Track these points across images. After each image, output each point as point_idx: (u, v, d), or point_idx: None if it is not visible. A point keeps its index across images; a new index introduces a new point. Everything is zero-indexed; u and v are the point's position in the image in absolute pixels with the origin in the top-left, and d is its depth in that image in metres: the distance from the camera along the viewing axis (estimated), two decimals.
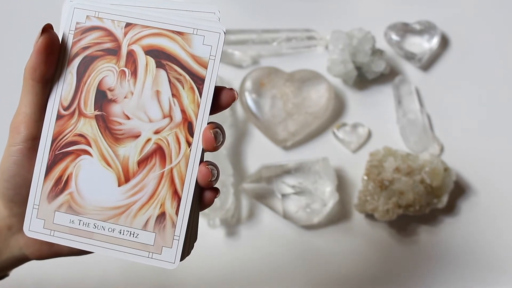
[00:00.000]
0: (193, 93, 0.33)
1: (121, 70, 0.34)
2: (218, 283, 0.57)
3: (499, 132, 0.63)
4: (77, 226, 0.34)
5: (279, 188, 0.58)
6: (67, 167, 0.34)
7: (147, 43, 0.34)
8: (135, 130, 0.34)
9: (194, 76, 0.33)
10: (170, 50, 0.33)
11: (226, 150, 0.61)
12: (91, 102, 0.34)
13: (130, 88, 0.34)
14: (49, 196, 0.34)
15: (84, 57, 0.34)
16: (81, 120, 0.34)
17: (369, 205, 0.57)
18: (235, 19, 0.68)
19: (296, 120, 0.62)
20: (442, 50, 0.68)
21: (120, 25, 0.34)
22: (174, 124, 0.33)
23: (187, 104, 0.33)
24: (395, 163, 0.57)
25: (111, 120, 0.34)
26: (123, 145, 0.34)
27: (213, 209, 0.57)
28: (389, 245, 0.59)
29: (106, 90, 0.34)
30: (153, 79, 0.33)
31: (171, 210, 0.33)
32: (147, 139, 0.33)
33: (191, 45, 0.33)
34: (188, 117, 0.33)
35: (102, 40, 0.34)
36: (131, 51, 0.34)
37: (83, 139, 0.34)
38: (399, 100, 0.64)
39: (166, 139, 0.33)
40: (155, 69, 0.33)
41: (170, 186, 0.33)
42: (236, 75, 0.65)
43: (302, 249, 0.58)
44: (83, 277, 0.57)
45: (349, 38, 0.63)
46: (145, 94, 0.33)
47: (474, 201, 0.60)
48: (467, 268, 0.58)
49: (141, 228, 0.33)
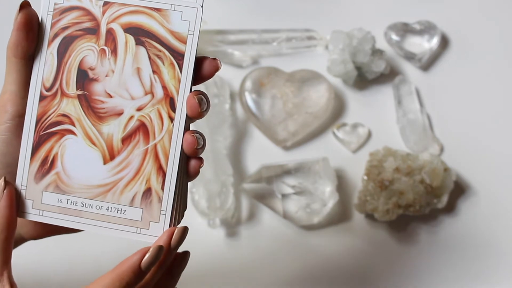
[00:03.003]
0: (174, 69, 0.33)
1: (101, 49, 0.34)
2: (218, 283, 0.57)
3: (499, 132, 0.64)
4: (65, 205, 0.34)
5: (279, 188, 0.58)
6: (52, 147, 0.34)
7: (125, 21, 0.34)
8: (118, 108, 0.34)
9: (173, 52, 0.33)
10: (148, 27, 0.34)
11: (226, 150, 0.61)
12: (73, 82, 0.34)
13: (111, 66, 0.34)
14: (36, 177, 0.34)
15: (64, 37, 0.34)
16: (64, 100, 0.34)
17: (369, 205, 0.57)
18: (235, 19, 0.68)
19: (296, 120, 0.62)
20: (442, 50, 0.68)
21: (98, 4, 0.34)
22: (156, 100, 0.34)
23: (168, 80, 0.34)
24: (395, 163, 0.57)
25: (94, 99, 0.34)
26: (106, 123, 0.34)
27: (213, 209, 0.57)
28: (389, 245, 0.59)
29: (87, 69, 0.34)
30: (133, 56, 0.34)
31: (157, 186, 0.34)
32: (130, 116, 0.34)
33: (169, 21, 0.33)
34: (170, 93, 0.34)
35: (81, 19, 0.34)
36: (110, 29, 0.34)
37: (66, 119, 0.34)
38: (399, 100, 0.64)
39: (148, 115, 0.34)
40: (134, 46, 0.34)
41: (155, 161, 0.34)
42: (236, 75, 0.65)
43: (302, 249, 0.58)
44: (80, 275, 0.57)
45: (349, 38, 0.63)
46: (126, 71, 0.34)
47: (474, 201, 0.60)
48: (467, 268, 0.58)
49: (128, 204, 0.34)
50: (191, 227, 0.36)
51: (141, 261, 0.32)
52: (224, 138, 0.61)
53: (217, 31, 0.66)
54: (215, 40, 0.65)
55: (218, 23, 0.67)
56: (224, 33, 0.66)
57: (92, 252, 0.57)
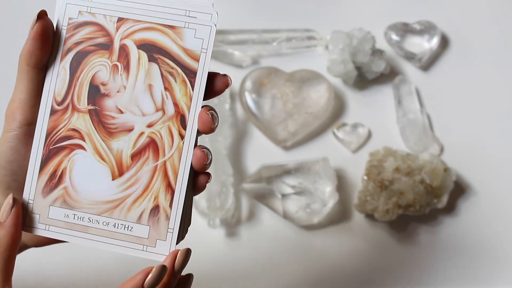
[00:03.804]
0: (186, 86, 0.33)
1: (113, 65, 0.34)
2: (218, 283, 0.57)
3: (499, 132, 0.64)
4: (72, 220, 0.34)
5: (279, 188, 0.58)
6: (61, 162, 0.34)
7: (139, 37, 0.34)
8: (128, 124, 0.34)
9: (186, 69, 0.33)
10: (162, 44, 0.34)
11: (226, 150, 0.61)
12: (84, 97, 0.34)
13: (123, 82, 0.34)
14: (43, 191, 0.34)
15: (77, 52, 0.34)
16: (75, 114, 0.34)
17: (369, 205, 0.57)
18: (235, 19, 0.68)
19: (296, 120, 0.62)
20: (442, 50, 0.68)
21: (112, 20, 0.34)
22: (167, 117, 0.34)
23: (180, 97, 0.33)
24: (395, 163, 0.57)
25: (104, 114, 0.34)
26: (116, 139, 0.34)
27: (213, 209, 0.57)
28: (389, 245, 0.59)
29: (99, 84, 0.34)
30: (145, 73, 0.34)
31: (165, 203, 0.33)
32: (140, 133, 0.34)
33: (182, 39, 0.33)
34: (181, 110, 0.33)
35: (95, 35, 0.34)
36: (124, 45, 0.34)
37: (77, 134, 0.34)
38: (399, 100, 0.64)
39: (159, 132, 0.34)
40: (147, 63, 0.34)
41: (164, 179, 0.33)
42: (236, 75, 0.65)
43: (302, 249, 0.58)
44: (81, 276, 0.57)
45: (349, 38, 0.63)
46: (138, 88, 0.34)
47: (474, 201, 0.60)
48: (467, 268, 0.58)
49: (135, 221, 0.34)
50: (191, 227, 0.36)
51: (144, 281, 0.32)
52: (224, 138, 0.61)
53: (217, 31, 0.66)
54: (215, 40, 0.65)
55: (218, 23, 0.67)
56: (224, 33, 0.66)
57: (95, 256, 0.57)
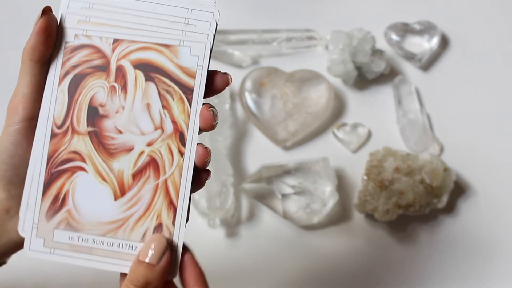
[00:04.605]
0: (183, 104, 0.34)
1: (111, 86, 0.34)
2: (218, 283, 0.57)
3: (499, 132, 0.64)
4: (77, 242, 0.34)
5: (279, 188, 0.58)
6: (63, 185, 0.34)
7: (135, 57, 0.34)
8: (128, 143, 0.34)
9: (183, 87, 0.34)
10: (158, 63, 0.34)
11: (226, 150, 0.61)
12: (84, 119, 0.34)
13: (121, 102, 0.34)
14: (47, 215, 0.34)
15: (75, 75, 0.34)
16: (75, 137, 0.34)
17: (369, 205, 0.57)
18: (235, 19, 0.68)
19: (296, 120, 0.62)
20: (442, 50, 0.68)
21: (108, 41, 0.34)
22: (166, 135, 0.34)
23: (178, 114, 0.34)
24: (395, 163, 0.57)
25: (104, 136, 0.34)
26: (117, 159, 0.34)
27: (213, 209, 0.57)
28: (389, 245, 0.59)
29: (97, 106, 0.34)
30: (143, 92, 0.34)
31: (168, 221, 0.34)
32: (140, 152, 0.34)
33: (178, 57, 0.34)
34: (179, 127, 0.34)
35: (91, 57, 0.34)
36: (120, 66, 0.34)
37: (77, 156, 0.34)
38: (399, 100, 0.64)
39: (159, 150, 0.34)
40: (144, 82, 0.34)
41: (165, 197, 0.34)
42: (236, 75, 0.65)
43: (302, 249, 0.58)
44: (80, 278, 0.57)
45: (349, 38, 0.63)
46: (136, 107, 0.34)
47: (474, 201, 0.60)
48: (467, 268, 0.58)
49: (139, 240, 0.34)
50: (191, 227, 0.36)
51: None
52: (224, 138, 0.61)
53: (217, 31, 0.66)
54: (215, 40, 0.65)
55: (218, 23, 0.67)
56: (224, 33, 0.66)
57: None
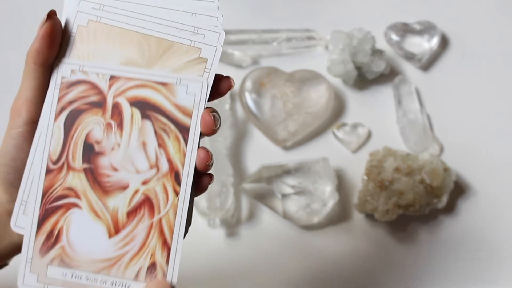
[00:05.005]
0: (179, 143, 0.34)
1: (107, 123, 0.34)
2: (218, 283, 0.57)
3: (499, 132, 0.64)
4: (70, 279, 0.34)
5: (279, 188, 0.58)
6: (58, 221, 0.34)
7: (132, 95, 0.34)
8: (123, 181, 0.34)
9: (179, 126, 0.34)
10: (154, 101, 0.34)
11: (226, 150, 0.61)
12: (79, 156, 0.34)
13: (116, 140, 0.34)
14: (41, 250, 0.34)
15: (71, 111, 0.34)
16: (70, 173, 0.34)
17: (369, 205, 0.57)
18: (235, 19, 0.68)
19: (296, 120, 0.62)
20: (442, 50, 0.68)
21: (104, 78, 0.34)
22: (161, 174, 0.34)
23: (173, 153, 0.34)
24: (395, 163, 0.57)
25: (100, 173, 0.34)
26: (112, 197, 0.34)
27: (213, 209, 0.57)
28: (389, 245, 0.59)
29: (93, 143, 0.34)
30: (139, 130, 0.34)
31: (162, 260, 0.33)
32: (135, 190, 0.34)
33: (175, 95, 0.34)
34: (175, 166, 0.34)
35: (88, 93, 0.34)
36: (117, 103, 0.34)
37: (72, 193, 0.34)
38: (399, 100, 0.64)
39: (154, 189, 0.34)
40: (140, 120, 0.34)
41: (160, 236, 0.34)
42: (236, 75, 0.65)
43: (302, 249, 0.58)
44: None
45: (349, 38, 0.63)
46: (132, 145, 0.34)
47: (474, 201, 0.60)
48: (467, 267, 0.58)
49: (133, 279, 0.34)
50: (191, 227, 0.36)
51: None
52: (224, 138, 0.61)
53: None
54: None
55: None
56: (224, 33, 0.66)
57: None
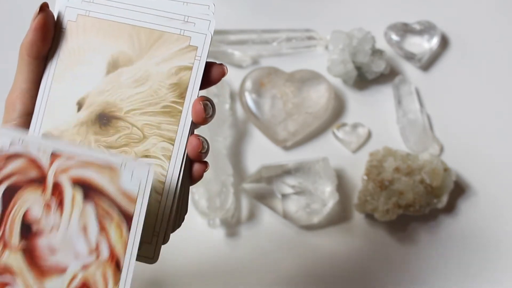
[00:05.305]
0: (121, 230, 0.31)
1: (46, 202, 0.32)
2: (218, 283, 0.57)
3: (499, 132, 0.64)
4: None
5: (279, 188, 0.58)
6: None
7: (74, 174, 0.32)
8: (62, 264, 0.32)
9: (122, 212, 0.31)
10: (97, 183, 0.32)
11: (226, 150, 0.61)
12: (16, 234, 0.32)
13: (56, 221, 0.32)
14: None
15: (8, 186, 0.32)
16: (6, 252, 0.32)
17: (369, 205, 0.57)
18: (235, 19, 0.68)
19: (296, 120, 0.62)
20: (442, 50, 0.68)
21: (46, 152, 0.32)
22: (101, 260, 0.31)
23: (115, 240, 0.31)
24: (395, 163, 0.57)
25: (37, 254, 0.32)
26: (49, 279, 0.32)
27: (213, 209, 0.57)
28: (389, 245, 0.59)
29: (31, 222, 0.32)
30: (80, 213, 0.32)
31: None
32: (73, 275, 0.32)
33: (119, 179, 0.31)
34: (116, 254, 0.31)
35: (27, 168, 0.32)
36: (57, 182, 0.32)
37: (8, 272, 0.32)
38: (399, 100, 0.64)
39: (93, 276, 0.32)
40: (82, 202, 0.32)
41: None
42: (236, 75, 0.65)
43: (302, 249, 0.58)
44: None
45: (349, 38, 0.63)
46: (72, 228, 0.32)
47: (474, 201, 0.60)
48: (466, 268, 0.58)
49: None
50: (191, 227, 0.36)
51: None
52: (224, 138, 0.61)
53: (217, 31, 0.66)
54: (215, 40, 0.65)
55: (218, 23, 0.67)
56: (224, 33, 0.66)
57: None
